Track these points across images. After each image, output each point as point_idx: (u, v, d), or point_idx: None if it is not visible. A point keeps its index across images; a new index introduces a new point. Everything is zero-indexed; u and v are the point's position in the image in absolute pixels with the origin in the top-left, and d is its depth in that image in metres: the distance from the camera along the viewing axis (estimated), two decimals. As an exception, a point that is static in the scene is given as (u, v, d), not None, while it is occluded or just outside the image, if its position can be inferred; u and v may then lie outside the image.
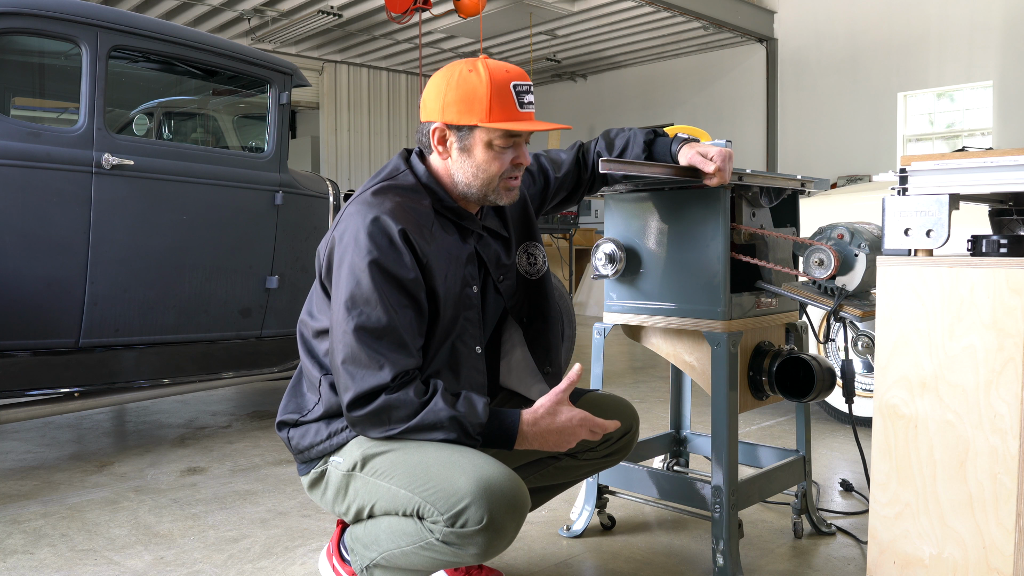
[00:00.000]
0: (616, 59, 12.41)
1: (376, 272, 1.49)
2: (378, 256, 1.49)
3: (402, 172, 1.65)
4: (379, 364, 1.46)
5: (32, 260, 2.74)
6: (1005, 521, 1.48)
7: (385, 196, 1.57)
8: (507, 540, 1.44)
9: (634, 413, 1.88)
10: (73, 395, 2.88)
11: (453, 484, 1.41)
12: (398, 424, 1.48)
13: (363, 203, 1.55)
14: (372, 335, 1.48)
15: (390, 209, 1.53)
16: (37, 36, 2.80)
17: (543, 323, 1.81)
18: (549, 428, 1.53)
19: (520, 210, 1.83)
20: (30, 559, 2.13)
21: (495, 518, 1.39)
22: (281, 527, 2.36)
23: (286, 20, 10.08)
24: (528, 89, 1.60)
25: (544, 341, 1.81)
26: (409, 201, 1.58)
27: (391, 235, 1.50)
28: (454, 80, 1.57)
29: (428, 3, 7.64)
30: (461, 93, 1.56)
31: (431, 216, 1.60)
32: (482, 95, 1.55)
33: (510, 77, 1.57)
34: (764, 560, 2.10)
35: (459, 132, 1.59)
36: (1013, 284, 1.46)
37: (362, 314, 1.48)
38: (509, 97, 1.56)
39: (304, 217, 3.56)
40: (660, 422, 3.63)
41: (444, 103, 1.58)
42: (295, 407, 1.67)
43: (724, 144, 1.89)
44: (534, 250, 1.83)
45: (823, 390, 1.99)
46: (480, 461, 1.44)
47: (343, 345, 1.49)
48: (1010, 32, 8.84)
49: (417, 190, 1.62)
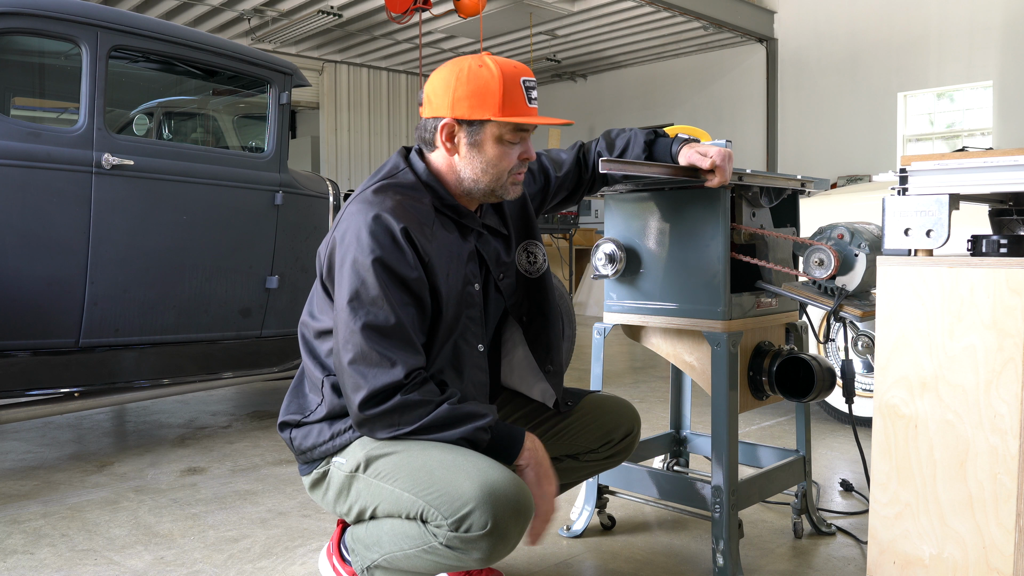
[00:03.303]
0: (616, 59, 12.41)
1: (380, 270, 1.48)
2: (381, 254, 1.48)
3: (402, 170, 1.65)
4: (391, 362, 1.46)
5: (32, 260, 2.74)
6: (1005, 521, 1.48)
7: (385, 194, 1.56)
8: (511, 545, 1.44)
9: (635, 414, 1.87)
10: (73, 395, 2.88)
11: (457, 488, 1.40)
12: (408, 425, 1.48)
13: (364, 202, 1.55)
14: (380, 333, 1.47)
15: (391, 208, 1.52)
16: (37, 36, 2.80)
17: (543, 322, 1.81)
18: (545, 457, 1.56)
19: (519, 208, 1.82)
20: (30, 559, 2.13)
21: (499, 523, 1.39)
22: (281, 527, 2.36)
23: (286, 20, 10.08)
24: (535, 85, 1.61)
25: (545, 340, 1.81)
26: (409, 199, 1.58)
27: (393, 233, 1.49)
28: (464, 75, 1.57)
29: (428, 3, 7.63)
30: (473, 88, 1.56)
31: (431, 214, 1.60)
32: (494, 89, 1.55)
33: (519, 72, 1.58)
34: (764, 560, 2.10)
35: (470, 127, 1.58)
36: (1013, 284, 1.46)
37: (369, 313, 1.47)
38: (519, 92, 1.57)
39: (304, 217, 3.56)
40: (660, 422, 3.63)
41: (454, 98, 1.57)
42: (297, 408, 1.67)
43: (724, 144, 1.89)
44: (534, 249, 1.82)
45: (823, 390, 1.99)
46: (484, 465, 1.43)
47: (351, 345, 1.48)
48: (1010, 32, 8.84)
49: (417, 188, 1.62)
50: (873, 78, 9.90)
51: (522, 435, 1.54)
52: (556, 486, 1.56)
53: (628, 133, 1.92)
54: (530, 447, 1.54)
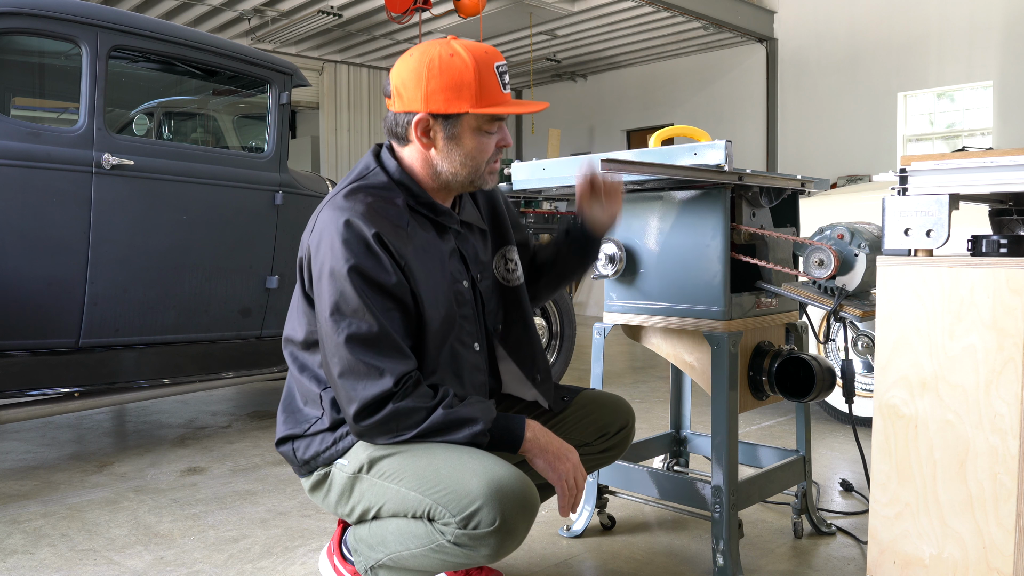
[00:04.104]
0: (616, 59, 12.40)
1: (357, 278, 1.45)
2: (356, 262, 1.45)
3: (373, 170, 1.61)
4: (378, 372, 1.44)
5: (32, 260, 2.74)
6: (1005, 521, 1.48)
7: (356, 198, 1.52)
8: (518, 540, 1.44)
9: (629, 410, 1.87)
10: (73, 395, 2.88)
11: (464, 486, 1.40)
12: (406, 431, 1.47)
13: (334, 208, 1.51)
14: (364, 344, 1.45)
15: (362, 212, 1.48)
16: (37, 36, 2.80)
17: (523, 329, 1.77)
18: (551, 440, 1.54)
19: (490, 210, 1.78)
20: (30, 559, 2.13)
21: (507, 519, 1.39)
22: (281, 527, 2.36)
23: (286, 20, 10.08)
24: (507, 69, 1.57)
25: (528, 348, 1.78)
26: (381, 201, 1.54)
27: (366, 240, 1.46)
28: (436, 66, 1.51)
29: (428, 3, 7.64)
30: (447, 80, 1.51)
31: (406, 215, 1.56)
32: (469, 80, 1.51)
33: (491, 58, 1.54)
34: (764, 560, 2.10)
35: (446, 121, 1.54)
36: (1013, 284, 1.46)
37: (351, 324, 1.45)
38: (494, 79, 1.53)
39: (304, 217, 3.56)
40: (660, 422, 3.63)
41: (428, 91, 1.52)
42: (294, 422, 1.64)
43: (724, 144, 1.89)
44: (512, 255, 1.78)
45: (823, 390, 1.99)
46: (489, 462, 1.43)
47: (337, 358, 1.46)
48: (1010, 32, 8.84)
49: (390, 188, 1.58)
50: (873, 78, 9.90)
51: (522, 428, 1.52)
52: (572, 461, 1.53)
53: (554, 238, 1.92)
54: (531, 436, 1.52)
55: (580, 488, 1.54)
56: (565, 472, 1.52)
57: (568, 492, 1.52)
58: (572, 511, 1.54)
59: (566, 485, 1.52)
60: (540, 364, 1.79)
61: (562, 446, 1.55)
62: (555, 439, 1.55)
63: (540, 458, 1.52)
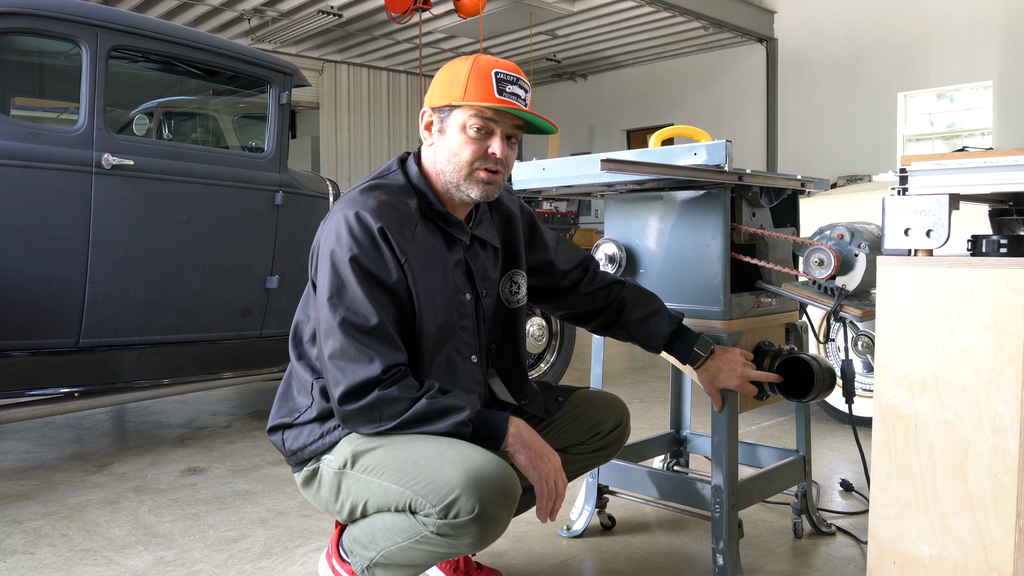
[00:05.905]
0: (616, 59, 12.41)
1: (358, 269, 1.50)
2: (359, 253, 1.50)
3: (393, 172, 1.66)
4: (369, 357, 1.47)
5: (32, 260, 2.74)
6: (1005, 521, 1.48)
7: (370, 195, 1.57)
8: (500, 527, 1.45)
9: (623, 407, 1.87)
10: (73, 395, 2.88)
11: (443, 476, 1.41)
12: (388, 421, 1.49)
13: (348, 201, 1.57)
14: (359, 329, 1.49)
15: (372, 207, 1.53)
16: (37, 36, 2.80)
17: (513, 353, 1.80)
18: (535, 439, 1.54)
19: (504, 231, 1.79)
20: (30, 559, 2.13)
21: (486, 507, 1.40)
22: (281, 527, 2.36)
23: (286, 20, 10.08)
24: (514, 80, 1.58)
25: (517, 371, 1.80)
26: (395, 200, 1.59)
27: (371, 232, 1.51)
28: (445, 68, 1.63)
29: (428, 3, 7.64)
30: (445, 76, 1.61)
31: (415, 216, 1.60)
32: (462, 77, 1.57)
33: (495, 65, 1.57)
34: (764, 560, 2.10)
35: (439, 114, 1.60)
36: (1013, 284, 1.46)
37: (348, 310, 1.49)
38: (488, 81, 1.56)
39: (304, 217, 3.56)
40: (660, 422, 3.63)
41: (432, 87, 1.63)
42: (287, 411, 1.67)
43: (724, 144, 1.89)
44: (519, 279, 1.80)
45: (823, 390, 1.99)
46: (468, 451, 1.44)
47: (331, 340, 1.50)
48: (1010, 32, 8.84)
49: (406, 190, 1.63)
50: (873, 78, 9.91)
51: (505, 421, 1.53)
52: (554, 463, 1.53)
53: (655, 304, 1.88)
54: (514, 432, 1.53)
55: (560, 493, 1.54)
56: (546, 472, 1.52)
57: (548, 494, 1.52)
58: (551, 517, 1.53)
59: (546, 486, 1.52)
60: (527, 390, 1.82)
61: (545, 447, 1.55)
62: (539, 439, 1.56)
63: (522, 454, 1.52)
